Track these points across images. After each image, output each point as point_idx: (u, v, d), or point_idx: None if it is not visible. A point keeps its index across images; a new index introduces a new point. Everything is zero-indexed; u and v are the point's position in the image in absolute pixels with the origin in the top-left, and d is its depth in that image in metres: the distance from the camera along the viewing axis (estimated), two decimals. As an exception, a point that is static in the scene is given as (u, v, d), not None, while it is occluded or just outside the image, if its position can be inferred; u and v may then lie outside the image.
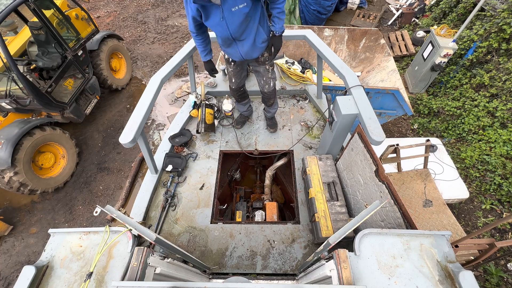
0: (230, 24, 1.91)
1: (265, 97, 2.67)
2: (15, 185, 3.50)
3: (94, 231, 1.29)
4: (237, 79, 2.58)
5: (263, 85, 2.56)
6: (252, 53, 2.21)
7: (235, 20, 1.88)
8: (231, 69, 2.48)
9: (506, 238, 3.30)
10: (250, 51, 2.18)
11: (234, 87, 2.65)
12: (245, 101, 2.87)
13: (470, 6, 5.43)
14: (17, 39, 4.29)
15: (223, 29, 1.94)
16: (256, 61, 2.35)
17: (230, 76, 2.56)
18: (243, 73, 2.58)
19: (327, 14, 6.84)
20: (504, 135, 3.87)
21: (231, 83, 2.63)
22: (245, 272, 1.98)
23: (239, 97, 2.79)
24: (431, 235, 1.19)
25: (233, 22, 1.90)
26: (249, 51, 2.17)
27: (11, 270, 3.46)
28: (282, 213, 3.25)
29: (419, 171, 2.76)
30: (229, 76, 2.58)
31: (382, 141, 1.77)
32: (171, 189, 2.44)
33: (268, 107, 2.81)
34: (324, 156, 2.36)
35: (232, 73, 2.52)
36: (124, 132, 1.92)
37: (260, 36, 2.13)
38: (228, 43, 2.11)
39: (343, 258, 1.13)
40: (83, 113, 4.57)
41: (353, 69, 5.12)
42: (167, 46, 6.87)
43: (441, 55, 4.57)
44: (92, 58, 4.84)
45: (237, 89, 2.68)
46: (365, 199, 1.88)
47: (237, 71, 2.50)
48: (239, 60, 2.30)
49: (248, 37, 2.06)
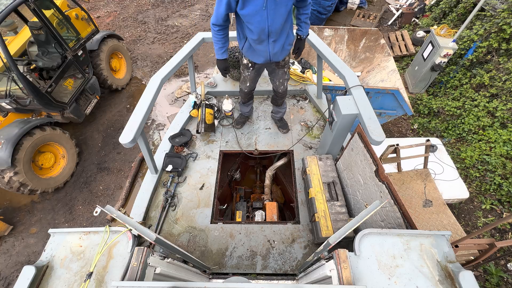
0: (271, 15, 1.83)
1: (278, 96, 2.66)
2: (15, 185, 3.50)
3: (94, 231, 1.29)
4: (252, 83, 2.55)
5: (278, 86, 2.53)
6: (279, 56, 2.20)
7: (277, 12, 1.82)
8: (248, 73, 2.43)
9: (506, 238, 3.30)
10: (279, 53, 2.16)
11: (247, 91, 2.61)
12: (250, 102, 2.86)
13: (470, 6, 5.43)
14: (17, 39, 4.29)
15: (262, 19, 1.84)
16: (276, 64, 2.33)
17: (245, 80, 2.51)
18: (258, 77, 2.56)
19: (327, 14, 6.84)
20: (504, 135, 3.87)
21: (245, 87, 2.57)
22: (245, 272, 1.98)
23: (248, 99, 2.77)
24: (431, 235, 1.19)
25: (275, 13, 1.83)
26: (277, 53, 2.15)
27: (11, 270, 3.46)
28: (282, 213, 3.25)
29: (419, 171, 2.75)
30: (244, 80, 2.53)
31: (382, 141, 1.77)
32: (171, 189, 2.44)
33: (277, 107, 2.81)
34: (324, 156, 2.36)
35: (248, 77, 2.46)
36: (124, 132, 1.92)
37: (289, 38, 2.14)
38: (262, 38, 1.99)
39: (343, 258, 1.13)
40: (83, 113, 4.57)
41: (353, 69, 5.12)
42: (167, 46, 6.87)
43: (441, 55, 4.57)
44: (92, 58, 4.84)
45: (249, 93, 2.65)
46: (365, 199, 1.88)
47: (254, 76, 2.46)
48: (263, 62, 2.23)
49: (280, 38, 2.04)
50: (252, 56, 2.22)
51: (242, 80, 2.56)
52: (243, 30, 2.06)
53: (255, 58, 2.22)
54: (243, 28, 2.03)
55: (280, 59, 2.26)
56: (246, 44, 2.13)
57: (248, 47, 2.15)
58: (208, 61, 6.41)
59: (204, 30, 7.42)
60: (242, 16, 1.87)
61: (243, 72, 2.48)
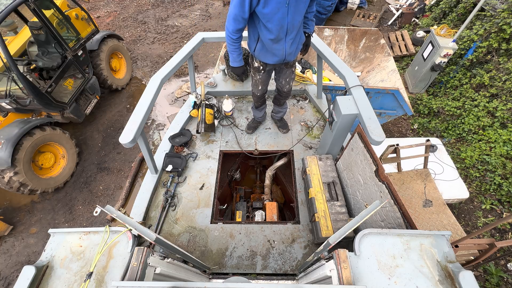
0: (291, 12, 1.80)
1: (282, 96, 2.63)
2: (15, 185, 3.50)
3: (94, 231, 1.29)
4: (264, 86, 2.49)
5: (283, 85, 2.50)
6: (293, 55, 2.18)
7: (297, 8, 1.81)
8: (259, 76, 2.37)
9: (506, 238, 3.30)
10: (293, 52, 2.14)
11: (260, 94, 2.56)
12: (263, 106, 2.81)
13: (470, 6, 5.44)
14: (17, 39, 4.29)
15: (283, 16, 1.80)
16: (286, 64, 2.29)
17: (257, 84, 2.46)
18: (269, 79, 2.51)
19: (327, 14, 6.84)
20: (504, 135, 3.87)
21: (257, 91, 2.52)
22: (245, 272, 1.98)
23: (261, 103, 2.72)
24: (431, 235, 1.19)
25: (295, 10, 1.81)
26: (292, 52, 2.12)
27: (11, 270, 3.46)
28: (282, 213, 3.25)
29: (419, 171, 2.75)
30: (255, 84, 2.48)
31: (382, 141, 1.77)
32: (171, 189, 2.44)
33: (279, 107, 2.79)
34: (324, 156, 2.36)
35: (260, 80, 2.41)
36: (124, 132, 1.92)
37: (302, 38, 2.14)
38: (280, 36, 1.94)
39: (343, 258, 1.13)
40: (83, 113, 4.57)
41: (353, 69, 5.12)
42: (167, 46, 6.87)
43: (441, 55, 4.57)
44: (92, 58, 4.84)
45: (262, 96, 2.60)
46: (365, 199, 1.88)
47: (265, 78, 2.41)
48: (276, 62, 2.18)
49: (296, 36, 2.02)
50: (264, 57, 2.14)
51: (254, 84, 2.51)
52: (256, 31, 2.00)
53: (268, 58, 2.15)
54: (258, 29, 1.96)
55: (293, 59, 2.24)
56: (259, 45, 2.07)
57: (261, 48, 2.09)
58: (208, 61, 6.41)
59: (204, 30, 7.42)
60: (262, 14, 1.81)
61: (254, 75, 2.42)
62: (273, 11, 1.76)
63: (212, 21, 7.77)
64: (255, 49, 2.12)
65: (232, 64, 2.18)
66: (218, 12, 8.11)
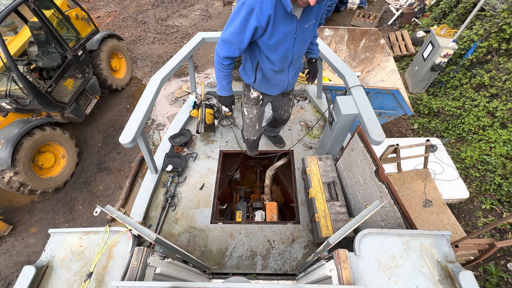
0: (298, 42, 1.64)
1: (280, 122, 2.47)
2: (15, 185, 3.50)
3: (94, 231, 1.29)
4: (260, 125, 2.23)
5: (282, 114, 2.32)
6: (293, 84, 2.05)
7: (304, 38, 1.66)
8: (256, 111, 2.08)
9: (506, 238, 3.30)
10: (294, 81, 1.99)
11: (256, 138, 2.29)
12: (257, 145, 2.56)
13: (470, 6, 5.44)
14: (17, 39, 4.29)
15: (289, 47, 1.62)
16: (283, 94, 2.10)
17: (253, 123, 2.14)
18: (264, 114, 2.26)
19: (327, 14, 6.84)
20: (504, 135, 3.86)
21: (253, 133, 2.21)
22: (245, 272, 1.98)
23: (256, 146, 2.46)
24: (431, 235, 1.19)
25: (302, 41, 1.66)
26: (293, 81, 1.96)
27: (11, 270, 3.46)
28: (282, 213, 3.25)
29: (419, 171, 2.75)
30: (250, 124, 2.15)
31: (382, 141, 1.77)
32: (171, 189, 2.44)
33: (275, 128, 2.64)
34: (324, 156, 2.36)
35: (256, 116, 2.12)
36: (124, 132, 1.92)
37: (301, 65, 1.97)
38: (283, 67, 1.76)
39: (343, 258, 1.13)
40: (83, 113, 4.57)
41: (353, 69, 5.12)
42: (167, 46, 6.87)
43: (441, 55, 4.57)
44: (92, 58, 4.84)
45: (258, 139, 2.33)
46: (365, 199, 1.88)
47: (261, 113, 2.15)
48: (278, 93, 1.99)
49: (297, 64, 1.86)
50: (266, 88, 1.93)
51: (248, 125, 2.16)
52: (256, 59, 1.77)
53: (269, 90, 1.94)
54: (258, 58, 1.74)
55: (291, 88, 2.10)
56: (259, 75, 1.84)
57: (261, 79, 1.86)
58: (208, 61, 6.41)
59: (204, 30, 7.42)
60: (266, 45, 1.59)
61: (248, 112, 2.12)
62: (279, 42, 1.56)
63: (212, 21, 7.77)
64: (256, 79, 1.87)
65: (220, 92, 1.87)
66: (218, 12, 8.11)
